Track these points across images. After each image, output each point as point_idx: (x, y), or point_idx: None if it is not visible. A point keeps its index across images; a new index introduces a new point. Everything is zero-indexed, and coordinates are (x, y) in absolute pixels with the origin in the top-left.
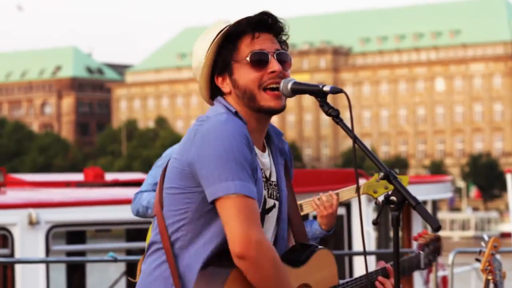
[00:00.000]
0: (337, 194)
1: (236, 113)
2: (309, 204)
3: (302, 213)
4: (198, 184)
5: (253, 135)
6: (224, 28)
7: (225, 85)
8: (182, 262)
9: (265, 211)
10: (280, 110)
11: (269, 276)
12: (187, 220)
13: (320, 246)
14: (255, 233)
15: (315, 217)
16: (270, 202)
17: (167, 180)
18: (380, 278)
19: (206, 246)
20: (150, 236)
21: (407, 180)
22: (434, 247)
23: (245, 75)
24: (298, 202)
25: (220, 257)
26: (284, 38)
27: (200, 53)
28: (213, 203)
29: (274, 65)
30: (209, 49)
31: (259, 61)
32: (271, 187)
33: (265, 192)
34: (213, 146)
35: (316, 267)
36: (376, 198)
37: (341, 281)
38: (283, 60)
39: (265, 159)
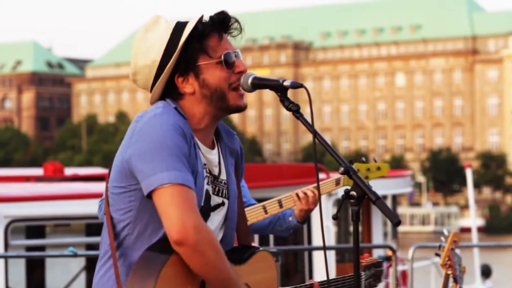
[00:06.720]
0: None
1: (175, 108)
2: (289, 199)
3: (281, 210)
4: (138, 181)
5: (204, 133)
6: (177, 26)
7: (188, 86)
8: (131, 260)
9: (210, 208)
10: (245, 108)
11: (211, 262)
12: (131, 218)
13: (261, 248)
14: (192, 219)
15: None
16: (218, 200)
17: (111, 179)
18: None
19: (150, 242)
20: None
21: (387, 167)
22: (376, 272)
23: (216, 74)
24: (278, 198)
25: (161, 244)
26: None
27: (153, 51)
28: (150, 197)
29: (240, 65)
30: (166, 47)
31: (230, 61)
32: (221, 185)
33: (209, 188)
34: (147, 139)
35: (256, 268)
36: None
37: None
38: (240, 59)
39: (212, 156)
